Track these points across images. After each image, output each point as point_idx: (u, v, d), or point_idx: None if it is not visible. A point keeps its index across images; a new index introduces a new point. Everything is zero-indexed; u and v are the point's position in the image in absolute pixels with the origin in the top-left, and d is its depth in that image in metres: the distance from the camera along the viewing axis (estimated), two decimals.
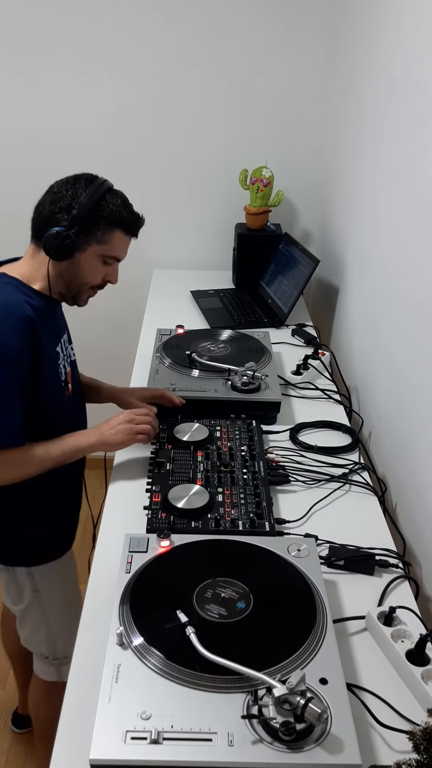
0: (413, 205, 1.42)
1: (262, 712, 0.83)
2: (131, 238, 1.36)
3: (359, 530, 1.28)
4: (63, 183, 1.30)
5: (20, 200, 2.25)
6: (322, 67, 2.28)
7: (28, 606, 1.48)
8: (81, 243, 1.28)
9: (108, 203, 1.29)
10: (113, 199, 1.30)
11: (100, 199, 1.28)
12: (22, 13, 2.22)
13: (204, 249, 2.62)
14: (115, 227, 1.30)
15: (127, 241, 1.35)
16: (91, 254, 1.30)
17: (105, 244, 1.30)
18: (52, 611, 1.49)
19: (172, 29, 2.24)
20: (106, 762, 0.80)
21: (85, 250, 1.29)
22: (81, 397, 1.53)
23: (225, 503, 1.28)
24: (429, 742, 0.76)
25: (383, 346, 1.61)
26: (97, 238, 1.29)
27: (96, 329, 2.61)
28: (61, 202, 1.27)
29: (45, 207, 1.29)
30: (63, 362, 1.39)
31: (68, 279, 1.32)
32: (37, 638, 1.52)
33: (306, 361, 1.83)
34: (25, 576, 1.45)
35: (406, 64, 1.49)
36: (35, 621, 1.50)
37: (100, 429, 1.37)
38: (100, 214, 1.28)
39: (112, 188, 1.32)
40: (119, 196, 1.32)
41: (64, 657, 1.53)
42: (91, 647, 1.01)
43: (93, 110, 2.37)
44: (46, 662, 1.55)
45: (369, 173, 1.80)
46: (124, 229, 1.32)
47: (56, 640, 1.52)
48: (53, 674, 1.56)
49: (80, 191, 1.27)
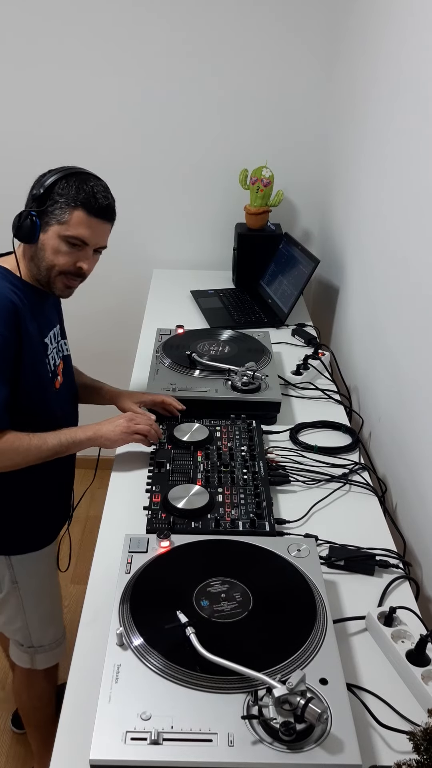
0: (413, 205, 1.42)
1: (262, 713, 0.83)
2: (100, 221, 1.31)
3: (359, 530, 1.28)
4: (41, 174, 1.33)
5: (18, 199, 2.22)
6: (323, 66, 2.28)
7: (6, 595, 1.49)
8: (43, 224, 1.28)
9: (69, 182, 1.28)
10: (77, 181, 1.28)
11: (60, 178, 1.28)
12: (21, 13, 2.21)
13: (204, 249, 2.62)
14: (76, 206, 1.27)
15: (93, 223, 1.30)
16: (53, 235, 1.28)
17: (64, 223, 1.28)
18: (29, 602, 1.50)
19: (173, 28, 2.24)
20: (106, 762, 0.80)
21: (47, 231, 1.29)
22: (74, 393, 1.54)
23: (225, 503, 1.28)
24: (429, 742, 0.76)
25: (383, 346, 1.61)
26: (56, 216, 1.28)
27: (96, 329, 2.61)
28: (32, 190, 1.31)
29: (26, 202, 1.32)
30: (52, 354, 1.40)
31: (37, 263, 1.32)
32: (12, 626, 1.55)
33: (306, 361, 1.83)
34: (5, 566, 1.46)
35: (408, 63, 1.49)
36: (12, 610, 1.51)
37: (99, 424, 1.38)
38: (58, 192, 1.27)
39: (83, 173, 1.31)
40: (90, 180, 1.30)
41: (39, 646, 1.56)
42: (91, 647, 1.01)
43: (93, 109, 2.37)
44: (21, 649, 1.58)
45: (369, 173, 1.80)
46: (85, 208, 1.28)
47: (31, 629, 1.54)
48: (27, 661, 1.58)
49: (47, 175, 1.30)
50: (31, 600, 1.51)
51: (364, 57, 1.87)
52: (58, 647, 1.60)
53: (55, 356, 1.42)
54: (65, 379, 1.48)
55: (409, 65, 1.47)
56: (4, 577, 1.47)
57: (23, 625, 1.53)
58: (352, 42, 2.00)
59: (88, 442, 1.36)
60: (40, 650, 1.57)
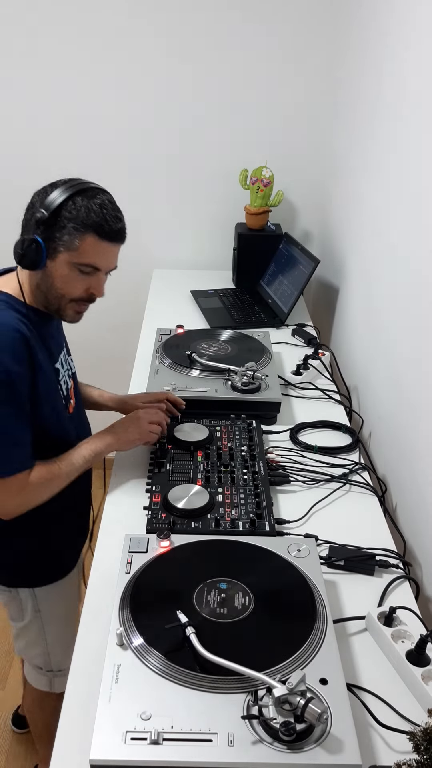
0: (414, 205, 1.42)
1: (263, 713, 0.83)
2: (112, 245, 1.21)
3: (359, 530, 1.28)
4: (39, 190, 1.20)
5: (17, 201, 2.22)
6: (324, 66, 2.28)
7: (29, 624, 1.45)
8: (50, 250, 1.17)
9: (76, 204, 1.15)
10: (85, 200, 1.16)
11: (66, 199, 1.15)
12: (21, 14, 2.22)
13: (204, 249, 2.62)
14: (86, 231, 1.16)
15: (106, 247, 1.20)
16: (62, 262, 1.18)
17: (74, 250, 1.17)
18: (51, 628, 1.46)
19: (173, 28, 2.24)
20: (106, 762, 0.80)
21: (55, 258, 1.18)
22: (83, 410, 1.50)
23: (225, 503, 1.28)
24: (429, 742, 0.76)
25: (383, 346, 1.61)
26: (65, 243, 1.16)
27: (96, 329, 2.59)
28: (32, 209, 1.18)
29: (24, 218, 1.22)
30: (64, 378, 1.35)
31: (45, 290, 1.22)
32: (33, 651, 1.50)
33: (306, 361, 1.83)
34: (28, 596, 1.41)
35: (408, 62, 1.49)
36: (33, 636, 1.47)
37: (113, 429, 1.36)
38: (65, 216, 1.15)
39: (88, 189, 1.18)
40: (96, 197, 1.18)
41: (58, 670, 1.51)
42: (91, 648, 1.01)
43: (93, 109, 2.37)
44: (39, 672, 1.53)
45: (369, 173, 1.80)
46: (96, 232, 1.17)
47: (52, 654, 1.49)
48: (45, 684, 1.54)
49: (49, 192, 1.17)
50: (54, 626, 1.46)
51: (364, 57, 1.87)
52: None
53: (67, 379, 1.36)
54: (77, 400, 1.43)
55: (410, 64, 1.47)
56: (27, 605, 1.42)
57: (44, 651, 1.49)
58: (353, 42, 2.00)
59: (108, 449, 1.34)
60: (59, 674, 1.51)
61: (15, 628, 1.49)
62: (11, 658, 2.16)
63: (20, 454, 1.19)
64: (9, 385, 1.13)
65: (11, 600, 1.43)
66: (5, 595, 1.44)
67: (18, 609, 1.44)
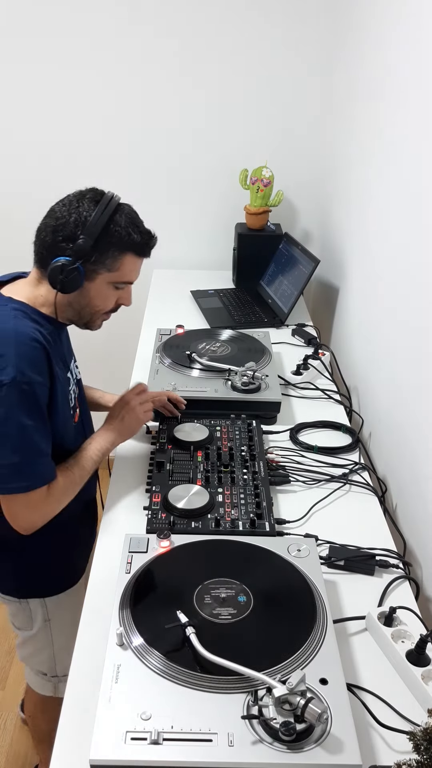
0: (413, 205, 1.42)
1: (263, 713, 0.83)
2: (143, 259, 1.27)
3: (359, 530, 1.28)
4: (65, 205, 1.19)
5: (17, 200, 2.24)
6: (323, 66, 2.28)
7: (37, 633, 1.43)
8: (89, 272, 1.20)
9: (116, 226, 1.18)
10: (120, 220, 1.19)
11: (108, 222, 1.17)
12: (20, 13, 2.22)
13: (204, 249, 2.62)
14: (125, 251, 1.21)
15: (139, 262, 1.27)
16: (101, 282, 1.22)
17: (115, 271, 1.22)
18: (59, 636, 1.44)
19: (173, 28, 2.24)
20: (106, 762, 0.80)
21: (94, 279, 1.21)
22: (87, 417, 1.48)
23: (225, 503, 1.28)
24: (429, 742, 0.76)
25: (383, 346, 1.61)
26: (107, 265, 1.20)
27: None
28: (65, 229, 1.17)
29: (47, 234, 1.19)
30: (72, 387, 1.34)
31: (78, 308, 1.25)
32: (38, 659, 1.49)
33: (306, 361, 1.83)
34: (38, 606, 1.40)
35: (408, 61, 1.49)
36: (40, 644, 1.46)
37: (111, 424, 1.36)
38: (108, 241, 1.18)
39: (119, 206, 1.21)
40: (127, 215, 1.22)
41: (63, 675, 1.49)
42: (91, 648, 1.01)
43: (93, 109, 2.37)
44: (44, 678, 1.52)
45: (369, 172, 1.80)
46: (135, 252, 1.23)
47: (57, 660, 1.48)
48: (50, 690, 1.53)
49: (84, 214, 1.17)
50: (62, 634, 1.43)
51: (364, 57, 1.87)
52: None
53: (74, 387, 1.36)
54: (82, 408, 1.42)
55: (409, 65, 1.47)
56: (37, 615, 1.41)
57: (50, 657, 1.47)
58: (353, 42, 2.00)
59: (113, 445, 1.34)
60: (64, 679, 1.48)
61: (21, 637, 1.47)
62: (11, 658, 2.16)
63: (44, 466, 1.18)
64: (32, 395, 1.12)
65: (20, 610, 1.42)
66: (14, 605, 1.42)
67: (27, 619, 1.42)
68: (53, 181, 2.36)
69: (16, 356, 1.10)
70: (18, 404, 1.10)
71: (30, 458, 1.14)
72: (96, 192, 1.21)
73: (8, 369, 1.09)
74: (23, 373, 1.10)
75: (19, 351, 1.11)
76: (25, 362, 1.11)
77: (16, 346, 1.11)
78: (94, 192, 1.21)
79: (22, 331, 1.13)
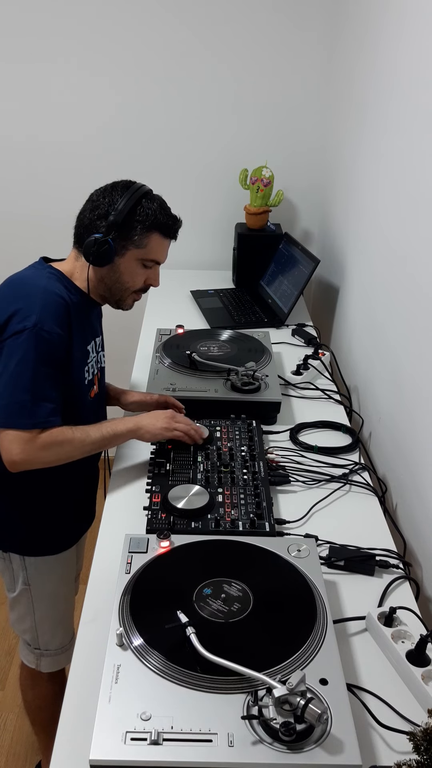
0: (413, 205, 1.42)
1: (263, 713, 0.83)
2: (170, 240, 1.39)
3: (359, 530, 1.28)
4: (101, 191, 1.35)
5: (17, 199, 2.24)
6: (323, 66, 2.28)
7: (18, 595, 1.49)
8: (119, 248, 1.33)
9: (144, 207, 1.33)
10: (149, 203, 1.34)
11: (135, 203, 1.32)
12: (20, 13, 2.22)
13: (204, 249, 2.62)
14: (152, 230, 1.34)
15: (166, 243, 1.39)
16: (130, 258, 1.35)
17: (143, 247, 1.35)
18: (40, 605, 1.50)
19: (173, 28, 2.24)
20: (106, 762, 0.80)
21: (123, 255, 1.34)
22: (104, 403, 1.55)
23: (225, 503, 1.28)
24: (429, 742, 0.76)
25: (383, 346, 1.61)
26: (135, 242, 1.33)
27: None
28: (99, 209, 1.32)
29: (85, 215, 1.34)
30: (92, 363, 1.41)
31: (110, 284, 1.37)
32: (22, 626, 1.55)
33: (306, 361, 1.83)
34: (19, 566, 1.46)
35: (407, 62, 1.49)
36: (23, 610, 1.51)
37: (139, 417, 1.40)
38: (136, 219, 1.32)
39: (148, 192, 1.36)
40: (156, 200, 1.36)
41: (45, 650, 1.56)
42: (91, 648, 1.01)
43: (93, 109, 2.37)
44: (28, 648, 1.58)
45: (369, 173, 1.80)
46: (161, 231, 1.35)
47: (39, 632, 1.54)
48: (33, 661, 1.58)
49: (116, 197, 1.32)
50: (43, 604, 1.50)
51: (363, 58, 1.87)
52: (64, 653, 1.57)
53: (94, 366, 1.43)
54: (100, 389, 1.48)
55: (408, 66, 1.47)
56: (18, 577, 1.47)
57: (32, 627, 1.53)
58: (352, 43, 2.00)
59: (128, 434, 1.37)
60: (46, 654, 1.56)
61: (9, 599, 1.53)
62: (11, 658, 2.16)
63: (45, 411, 1.23)
64: (50, 344, 1.23)
65: (5, 568, 1.48)
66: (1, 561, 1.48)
67: (11, 578, 1.49)
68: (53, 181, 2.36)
69: (41, 307, 1.23)
70: (35, 349, 1.21)
71: (38, 399, 1.22)
72: (128, 181, 1.37)
73: (32, 317, 1.22)
74: (45, 322, 1.22)
75: (44, 302, 1.24)
76: (47, 313, 1.23)
77: (43, 299, 1.25)
78: (126, 181, 1.37)
79: (50, 289, 1.28)
